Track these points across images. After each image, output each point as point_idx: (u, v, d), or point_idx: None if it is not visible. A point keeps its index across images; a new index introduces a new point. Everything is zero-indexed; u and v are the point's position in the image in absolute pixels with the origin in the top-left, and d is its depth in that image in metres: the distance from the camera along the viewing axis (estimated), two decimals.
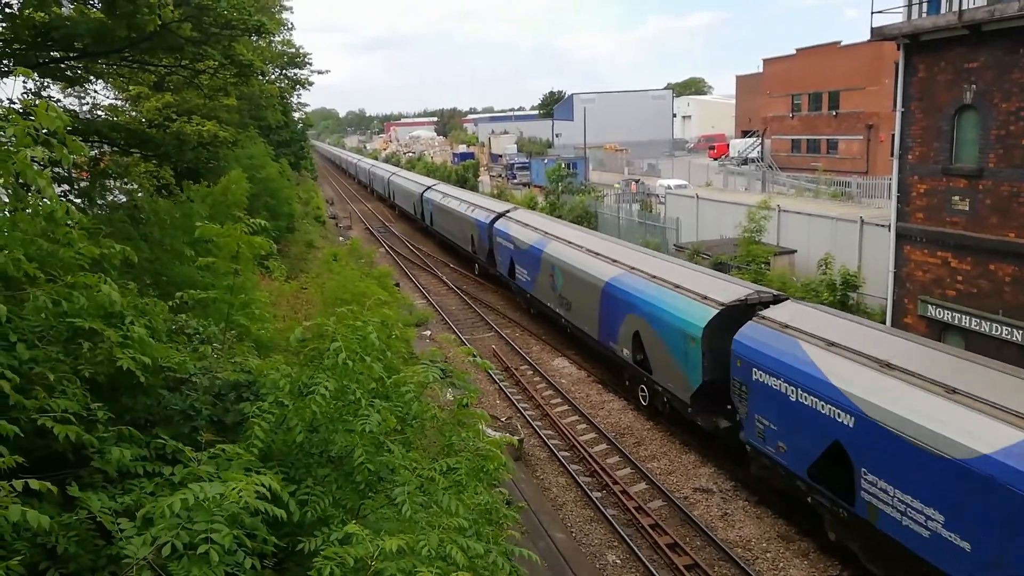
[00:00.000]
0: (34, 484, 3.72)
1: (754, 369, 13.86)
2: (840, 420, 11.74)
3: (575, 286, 22.67)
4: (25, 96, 12.16)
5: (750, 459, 14.56)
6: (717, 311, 15.75)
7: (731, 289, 16.78)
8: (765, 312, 14.92)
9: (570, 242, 24.56)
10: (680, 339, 16.45)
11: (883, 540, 11.24)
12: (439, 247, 44.96)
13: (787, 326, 13.91)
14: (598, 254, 22.37)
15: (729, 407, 15.22)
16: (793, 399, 12.81)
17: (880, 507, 11.13)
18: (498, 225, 31.52)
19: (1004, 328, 15.55)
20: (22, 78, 11.24)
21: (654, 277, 18.83)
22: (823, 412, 12.09)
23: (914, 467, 10.42)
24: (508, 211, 33.08)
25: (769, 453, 13.70)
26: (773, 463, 13.64)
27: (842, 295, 22.04)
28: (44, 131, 4.82)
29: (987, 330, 15.91)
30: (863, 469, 11.39)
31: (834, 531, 12.63)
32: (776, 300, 15.91)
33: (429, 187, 49.41)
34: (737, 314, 15.39)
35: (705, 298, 16.38)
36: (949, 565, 10.00)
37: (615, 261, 21.19)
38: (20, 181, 5.05)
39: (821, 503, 12.63)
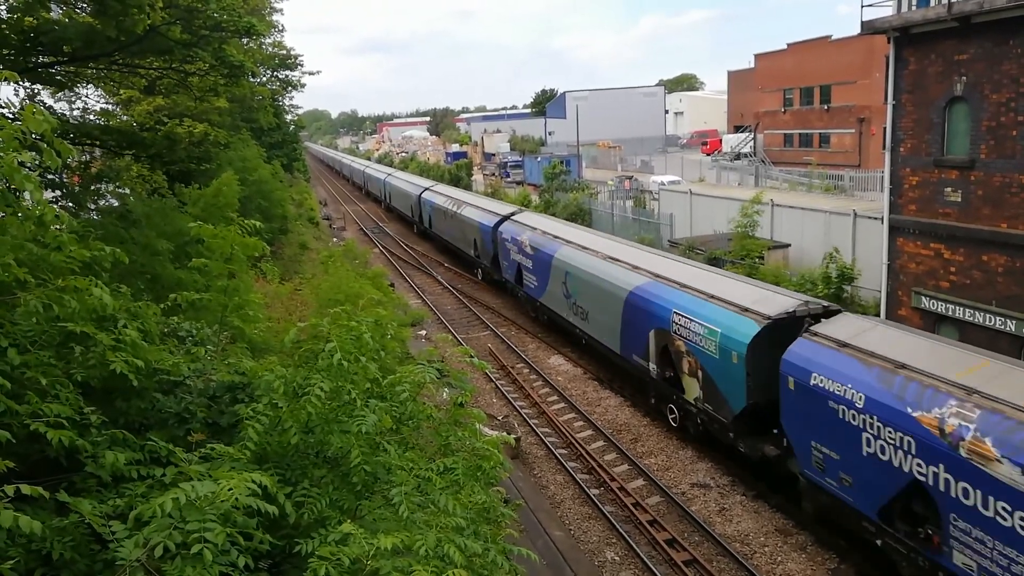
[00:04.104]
0: (26, 489, 3.70)
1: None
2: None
3: None
4: (15, 100, 12.12)
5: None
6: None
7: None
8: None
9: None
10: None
11: None
12: (440, 250, 44.52)
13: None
14: None
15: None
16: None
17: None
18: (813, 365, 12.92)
19: (998, 319, 15.60)
20: (12, 84, 11.19)
21: None
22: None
23: None
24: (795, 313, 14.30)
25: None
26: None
27: (837, 288, 22.07)
28: (34, 135, 4.79)
29: (981, 321, 15.96)
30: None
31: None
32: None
33: (507, 217, 30.63)
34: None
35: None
36: None
37: None
38: (8, 186, 5.02)
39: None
